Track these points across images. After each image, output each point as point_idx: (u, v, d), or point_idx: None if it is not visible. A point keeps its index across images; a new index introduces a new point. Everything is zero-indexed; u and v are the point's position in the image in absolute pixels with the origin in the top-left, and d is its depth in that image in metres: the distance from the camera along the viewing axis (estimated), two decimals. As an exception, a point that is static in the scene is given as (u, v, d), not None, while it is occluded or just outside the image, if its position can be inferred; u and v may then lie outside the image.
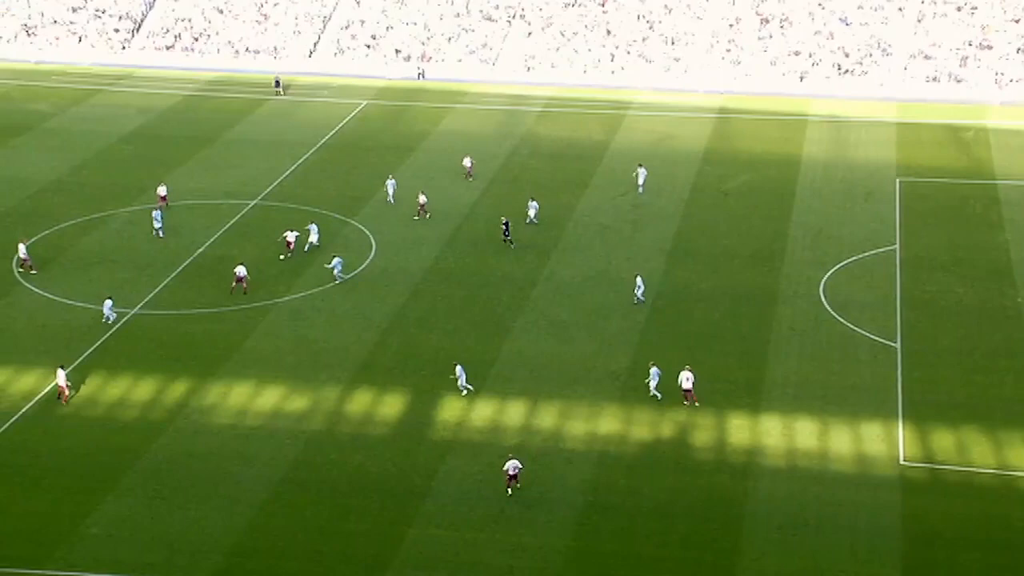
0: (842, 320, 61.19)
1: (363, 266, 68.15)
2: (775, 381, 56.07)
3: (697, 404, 53.77)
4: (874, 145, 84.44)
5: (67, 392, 55.08)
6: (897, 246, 68.86)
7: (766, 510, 47.70)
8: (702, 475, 50.05)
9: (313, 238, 69.92)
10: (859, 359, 57.79)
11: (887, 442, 51.48)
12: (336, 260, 65.52)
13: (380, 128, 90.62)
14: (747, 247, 69.68)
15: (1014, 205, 74.11)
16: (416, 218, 72.92)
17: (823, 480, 49.44)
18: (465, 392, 55.14)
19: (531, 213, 72.70)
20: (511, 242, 69.45)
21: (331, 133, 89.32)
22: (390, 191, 76.24)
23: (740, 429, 52.70)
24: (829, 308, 62.36)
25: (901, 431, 52.14)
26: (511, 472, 48.45)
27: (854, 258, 67.81)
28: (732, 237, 70.70)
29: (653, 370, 54.66)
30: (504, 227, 69.80)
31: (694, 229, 71.79)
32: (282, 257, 68.83)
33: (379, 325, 61.85)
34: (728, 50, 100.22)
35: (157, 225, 71.97)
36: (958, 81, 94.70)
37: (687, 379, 53.96)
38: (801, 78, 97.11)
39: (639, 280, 62.77)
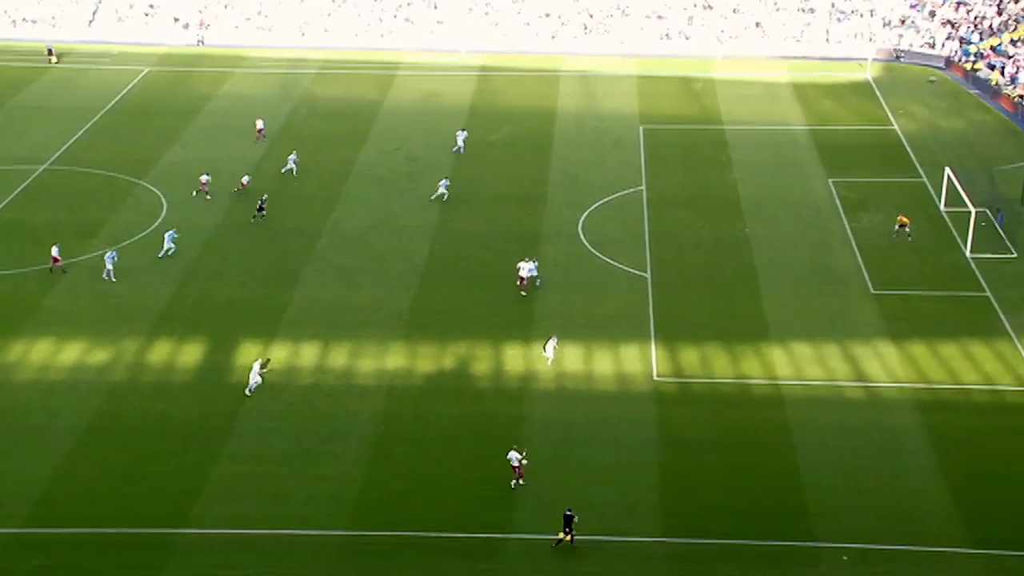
0: (599, 255, 62.54)
1: (156, 224, 65.68)
2: (543, 312, 56.95)
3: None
4: (619, 97, 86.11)
5: None
6: (643, 187, 70.62)
7: (540, 429, 48.60)
8: (482, 401, 50.59)
9: (292, 166, 71.04)
10: (616, 289, 59.22)
11: (642, 362, 53.05)
12: (110, 254, 59.88)
13: (164, 93, 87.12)
14: (513, 193, 70.25)
15: (739, 147, 76.86)
16: (195, 194, 69.35)
17: (589, 399, 50.66)
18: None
19: (291, 164, 71.69)
20: (259, 217, 65.59)
21: (116, 99, 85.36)
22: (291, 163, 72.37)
23: (514, 358, 53.39)
24: (587, 245, 63.61)
25: (654, 351, 53.80)
26: (514, 464, 45.15)
27: (606, 199, 69.25)
28: (499, 184, 71.16)
29: (552, 340, 52.77)
30: (260, 203, 66.25)
31: (464, 178, 71.90)
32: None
33: (175, 279, 59.87)
34: (486, 13, 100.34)
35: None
36: (686, 38, 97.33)
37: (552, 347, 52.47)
38: (552, 37, 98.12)
39: (531, 265, 59.21)
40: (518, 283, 58.63)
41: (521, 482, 45.32)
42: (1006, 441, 47.84)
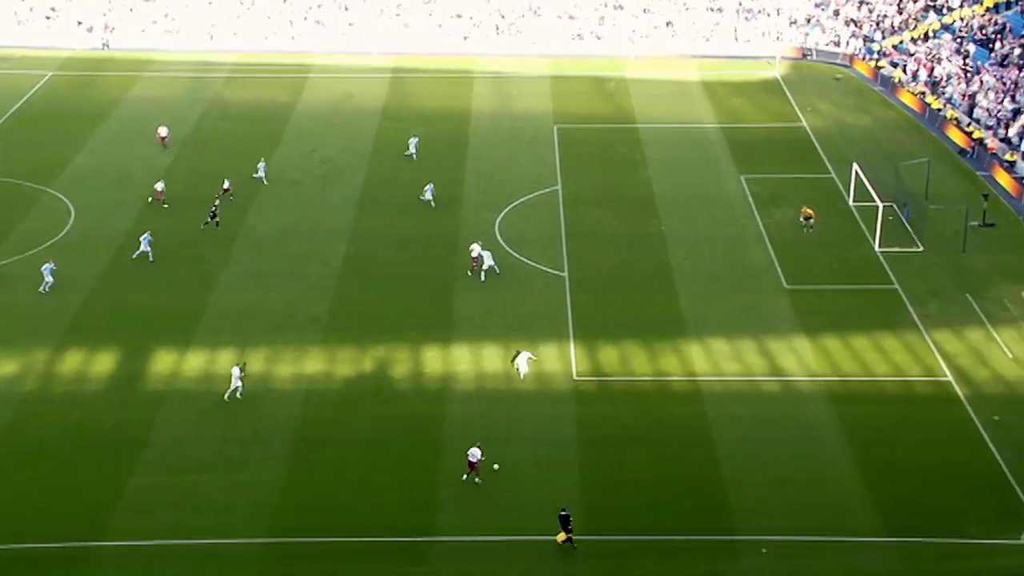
0: (517, 255, 62.63)
1: (64, 231, 64.30)
2: (462, 314, 56.89)
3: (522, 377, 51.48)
4: (532, 97, 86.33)
5: None
6: (559, 186, 70.88)
7: (461, 430, 48.51)
8: (403, 404, 50.38)
9: (261, 174, 70.21)
10: (534, 289, 59.36)
11: (562, 361, 53.25)
12: (47, 266, 58.48)
13: (69, 97, 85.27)
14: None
15: (653, 145, 77.48)
16: (150, 200, 67.94)
17: (509, 399, 50.71)
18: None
19: (261, 172, 70.70)
20: (211, 224, 64.92)
21: (18, 104, 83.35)
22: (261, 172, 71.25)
23: (434, 360, 53.25)
24: (505, 245, 63.66)
25: (573, 350, 54.04)
26: (473, 460, 45.29)
27: (523, 199, 69.38)
28: (414, 186, 70.88)
29: (524, 354, 52.00)
30: (213, 210, 65.39)
31: (379, 181, 71.52)
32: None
33: (85, 287, 58.68)
34: (397, 14, 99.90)
35: None
36: (598, 38, 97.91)
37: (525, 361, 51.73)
38: (465, 38, 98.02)
39: (487, 254, 59.52)
40: (471, 265, 59.14)
41: (477, 480, 45.16)
42: (916, 430, 48.92)
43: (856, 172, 68.62)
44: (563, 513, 42.34)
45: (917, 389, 51.62)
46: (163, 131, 76.31)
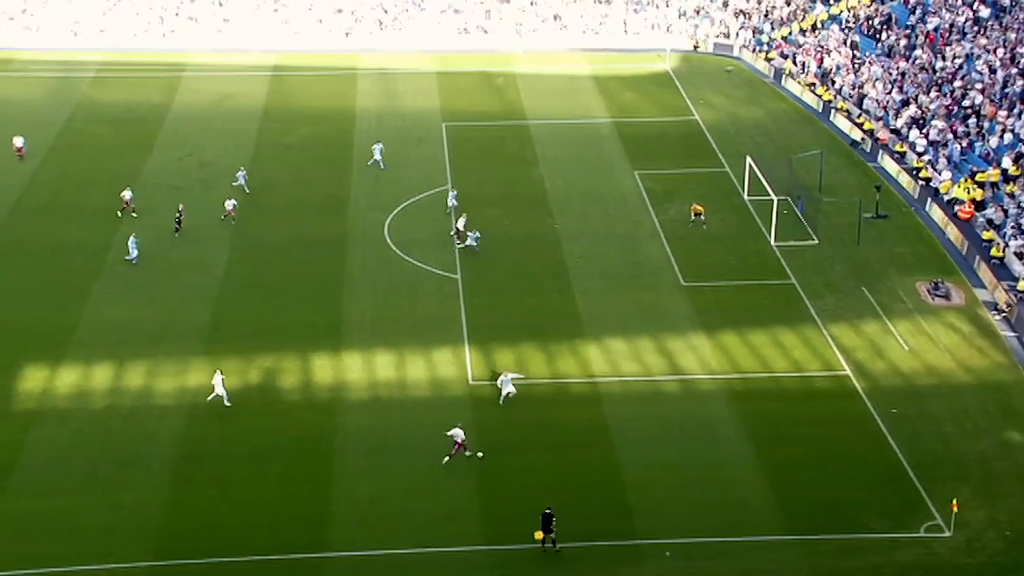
0: (407, 258, 62.26)
1: (-79, 243, 62.18)
2: (352, 320, 56.36)
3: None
4: (420, 94, 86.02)
5: None
6: (449, 185, 70.71)
7: (355, 441, 48.07)
8: (292, 416, 49.70)
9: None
10: (426, 293, 59.08)
11: (456, 366, 53.07)
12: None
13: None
14: (314, 196, 69.31)
15: (544, 142, 77.78)
16: (120, 214, 65.73)
17: (404, 407, 50.41)
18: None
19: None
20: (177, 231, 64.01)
21: None
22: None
23: (324, 369, 52.67)
24: (394, 248, 63.24)
25: (468, 355, 53.89)
26: (458, 440, 46.19)
27: (412, 200, 69.04)
28: (299, 189, 70.08)
29: (503, 378, 50.94)
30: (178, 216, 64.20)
31: (262, 183, 70.50)
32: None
33: (-54, 302, 56.77)
34: (275, 10, 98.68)
35: None
36: (485, 32, 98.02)
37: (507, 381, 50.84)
38: (347, 34, 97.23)
39: (473, 234, 61.66)
40: (454, 234, 61.89)
41: (480, 455, 46.25)
42: (816, 427, 49.84)
43: (750, 165, 69.79)
44: (547, 512, 42.42)
45: (816, 384, 52.59)
46: (18, 142, 73.19)
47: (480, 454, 46.81)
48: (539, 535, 42.73)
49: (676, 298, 59.06)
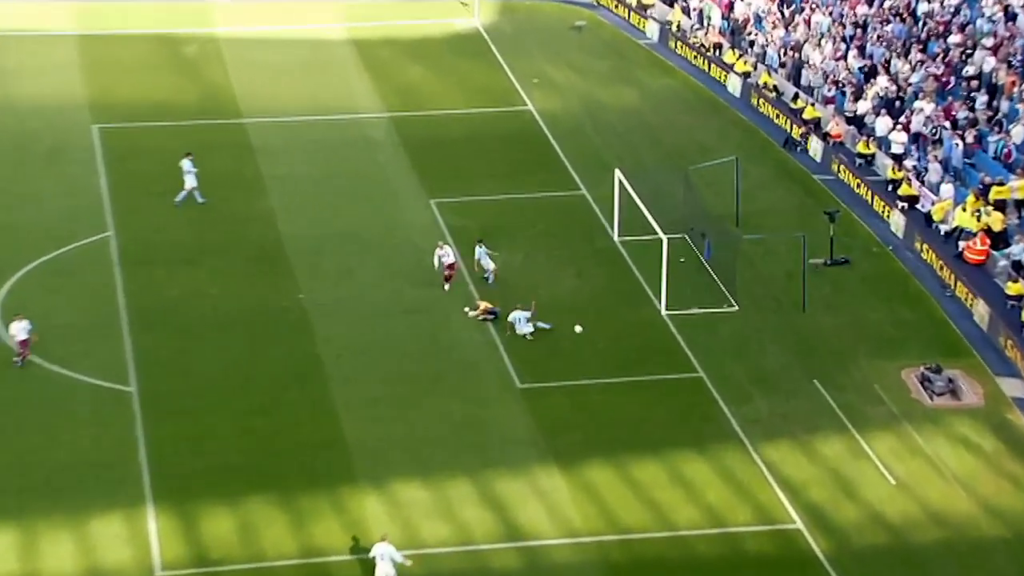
0: (41, 361, 61.10)
1: None
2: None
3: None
4: (51, 73, 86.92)
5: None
6: (111, 232, 70.64)
7: None
8: None
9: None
10: (75, 417, 58.08)
11: (134, 547, 51.75)
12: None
13: None
14: None
15: (275, 154, 78.41)
16: None
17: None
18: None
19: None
20: None
21: None
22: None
23: None
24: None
25: (152, 523, 52.46)
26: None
27: (45, 258, 68.39)
28: None
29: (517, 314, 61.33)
30: None
31: None
32: None
33: None
34: None
35: None
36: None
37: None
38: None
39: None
40: (445, 275, 66.31)
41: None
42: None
43: (620, 184, 69.88)
44: None
45: (746, 547, 52.50)
46: None
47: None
48: None
49: (509, 410, 58.98)
